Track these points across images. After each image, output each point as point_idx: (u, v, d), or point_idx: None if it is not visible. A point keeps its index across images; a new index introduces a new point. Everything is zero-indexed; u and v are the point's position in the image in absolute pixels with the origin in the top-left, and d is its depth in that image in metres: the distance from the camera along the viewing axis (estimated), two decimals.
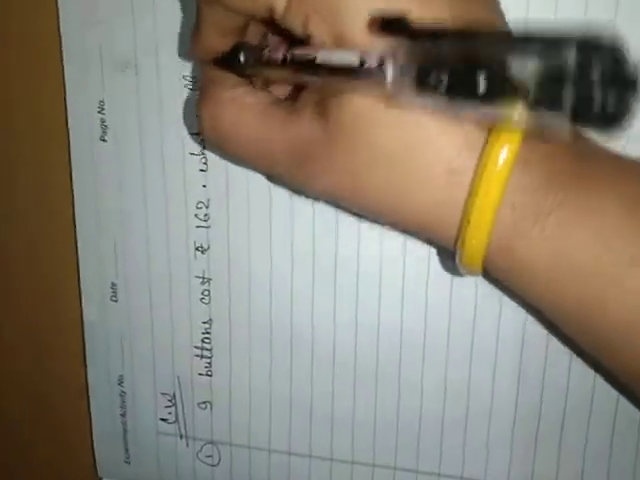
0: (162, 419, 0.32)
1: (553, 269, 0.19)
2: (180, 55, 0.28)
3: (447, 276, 0.27)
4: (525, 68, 0.14)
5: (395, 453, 0.30)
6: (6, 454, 0.36)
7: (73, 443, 0.34)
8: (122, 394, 0.33)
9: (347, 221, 0.28)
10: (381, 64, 0.17)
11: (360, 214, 0.25)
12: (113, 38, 0.28)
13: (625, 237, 0.19)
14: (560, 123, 0.13)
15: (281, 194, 0.28)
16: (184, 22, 0.27)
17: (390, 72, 0.16)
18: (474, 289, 0.27)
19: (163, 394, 0.32)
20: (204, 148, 0.28)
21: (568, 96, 0.13)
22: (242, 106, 0.22)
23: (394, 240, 0.27)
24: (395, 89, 0.17)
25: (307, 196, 0.27)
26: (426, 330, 0.28)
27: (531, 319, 0.27)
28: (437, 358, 0.28)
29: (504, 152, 0.18)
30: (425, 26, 0.17)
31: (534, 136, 0.18)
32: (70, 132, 0.30)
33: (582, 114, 0.13)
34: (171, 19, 0.27)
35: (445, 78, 0.15)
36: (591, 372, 0.27)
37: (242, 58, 0.22)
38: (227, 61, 0.23)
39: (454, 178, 0.19)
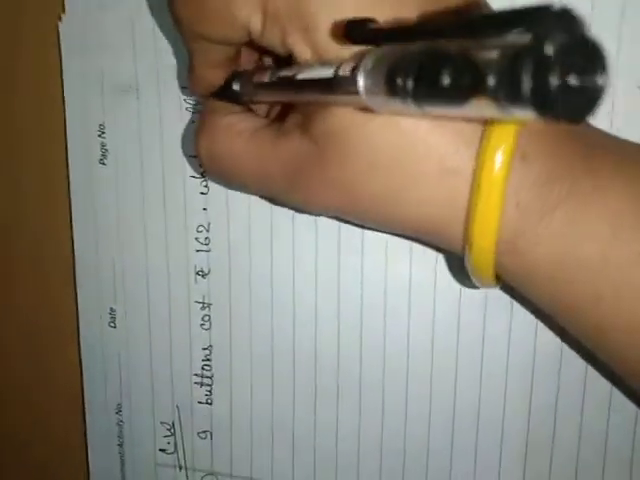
0: (161, 449, 0.31)
1: (561, 267, 0.19)
2: (180, 79, 0.27)
3: (455, 301, 0.27)
4: (486, 56, 0.12)
5: None
6: None
7: (69, 474, 0.33)
8: (120, 423, 0.32)
9: (350, 243, 0.27)
10: (354, 72, 0.16)
11: (364, 225, 0.25)
12: (114, 62, 0.28)
13: (633, 228, 0.18)
14: (527, 114, 0.12)
15: (283, 217, 0.28)
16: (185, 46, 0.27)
17: (361, 79, 0.16)
18: (482, 319, 0.27)
19: (162, 423, 0.31)
20: (205, 171, 0.28)
21: (526, 83, 0.12)
22: (235, 132, 0.22)
23: (398, 264, 0.27)
24: (368, 96, 0.16)
25: (309, 213, 0.26)
26: (433, 360, 0.27)
27: (541, 349, 0.26)
28: (445, 387, 0.27)
29: (500, 151, 0.17)
30: (386, 27, 0.17)
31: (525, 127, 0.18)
32: (69, 155, 0.29)
33: (542, 102, 0.12)
34: (172, 43, 0.27)
35: (412, 78, 0.14)
36: (606, 402, 0.26)
37: (237, 87, 0.22)
38: (223, 93, 0.23)
39: (452, 178, 0.18)
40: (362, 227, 0.27)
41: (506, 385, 0.27)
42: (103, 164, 0.29)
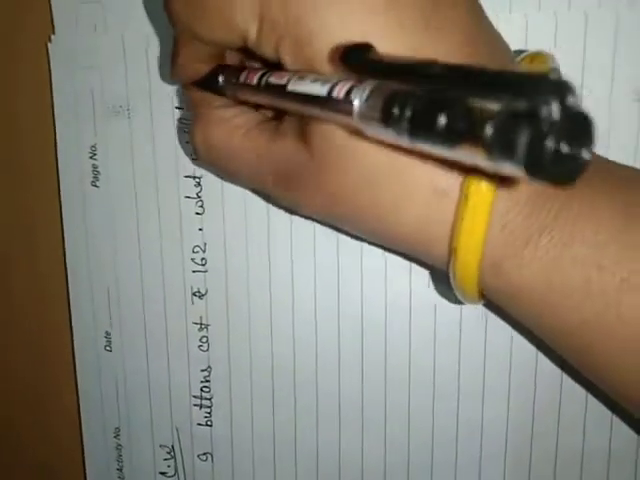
0: (161, 472, 0.31)
1: (546, 290, 0.19)
2: (173, 98, 0.27)
3: (456, 318, 0.26)
4: (485, 109, 0.13)
5: None
6: None
7: None
8: (118, 447, 0.31)
9: (349, 265, 0.27)
10: (349, 94, 0.16)
11: (350, 231, 0.25)
12: (105, 82, 0.28)
13: (617, 254, 0.18)
14: (516, 171, 0.13)
15: (280, 236, 0.27)
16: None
17: (356, 103, 0.16)
18: (483, 336, 0.26)
19: (162, 446, 0.31)
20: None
21: (521, 144, 0.12)
22: (233, 126, 0.22)
23: (396, 282, 0.27)
24: (360, 120, 0.16)
25: (299, 214, 0.26)
26: (435, 378, 0.27)
27: (542, 366, 0.26)
28: (447, 405, 0.27)
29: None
30: (386, 61, 0.16)
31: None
32: (61, 178, 0.29)
33: (535, 165, 0.12)
34: (163, 61, 0.27)
35: (409, 112, 0.14)
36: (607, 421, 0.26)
37: (221, 80, 0.22)
38: (207, 83, 0.23)
39: (440, 198, 0.19)
40: (359, 239, 0.26)
41: (509, 401, 0.27)
42: (95, 186, 0.29)
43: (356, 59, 0.17)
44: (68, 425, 0.32)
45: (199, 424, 0.30)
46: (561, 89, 0.12)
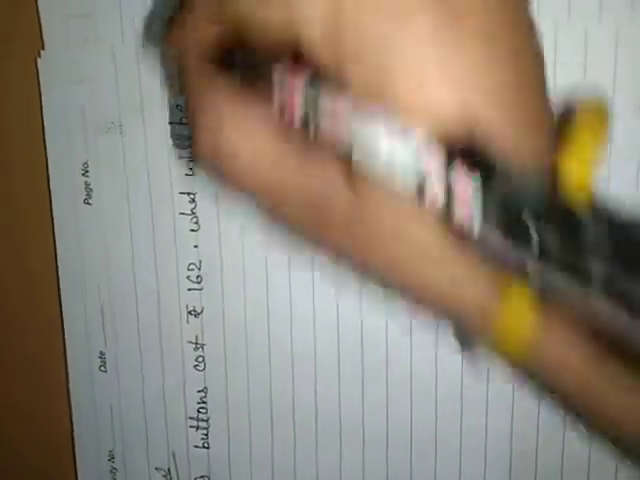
0: None
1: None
2: (166, 113, 0.27)
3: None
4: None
5: None
6: None
7: None
8: (113, 470, 0.30)
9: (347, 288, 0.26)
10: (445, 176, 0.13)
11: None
12: (96, 97, 0.27)
13: None
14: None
15: (278, 252, 0.27)
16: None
17: (461, 206, 0.13)
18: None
19: (157, 469, 0.30)
20: (195, 207, 0.27)
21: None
22: (249, 126, 0.18)
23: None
24: (467, 228, 0.13)
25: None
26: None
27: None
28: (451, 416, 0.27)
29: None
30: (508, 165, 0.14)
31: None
32: (53, 196, 0.28)
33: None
34: (155, 75, 0.26)
35: (539, 231, 0.12)
36: None
37: (240, 60, 0.17)
38: (225, 58, 0.18)
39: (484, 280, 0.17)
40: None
41: (513, 411, 0.26)
42: (88, 204, 0.28)
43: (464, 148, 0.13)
44: (61, 448, 0.31)
45: (196, 446, 0.29)
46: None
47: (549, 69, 0.18)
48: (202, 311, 0.28)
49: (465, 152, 0.13)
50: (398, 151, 0.14)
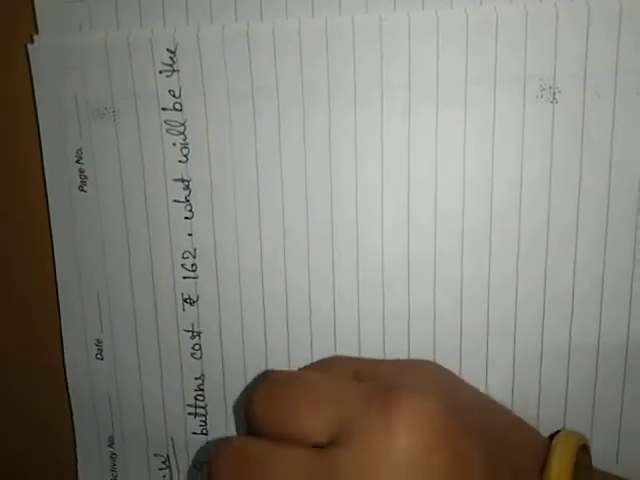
0: None
1: None
2: (159, 99, 0.26)
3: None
4: None
5: None
6: None
7: None
8: (113, 456, 0.31)
9: (344, 262, 0.26)
10: None
11: None
12: (88, 84, 0.27)
13: None
14: None
15: (272, 239, 0.26)
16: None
17: None
18: None
19: (156, 455, 0.30)
20: (189, 195, 0.27)
21: None
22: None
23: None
24: None
25: None
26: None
27: None
28: None
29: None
30: None
31: None
32: (47, 183, 0.28)
33: None
34: (147, 60, 0.26)
35: None
36: None
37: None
38: None
39: None
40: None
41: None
42: (83, 191, 0.28)
43: None
44: (62, 434, 0.31)
45: (194, 433, 0.29)
46: None
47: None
48: (198, 299, 0.28)
49: None
50: None
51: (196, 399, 0.29)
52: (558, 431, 0.23)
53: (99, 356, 0.29)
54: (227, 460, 0.21)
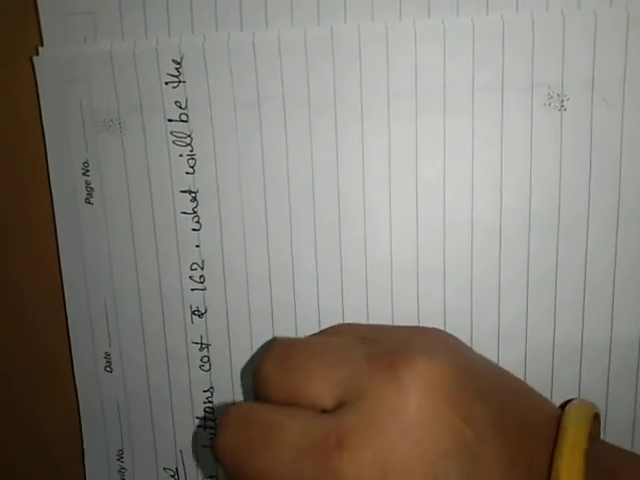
0: None
1: None
2: (165, 111, 0.26)
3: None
4: None
5: None
6: None
7: None
8: (122, 470, 0.30)
9: (352, 269, 0.26)
10: None
11: None
12: (94, 96, 0.27)
13: None
14: None
15: (280, 250, 0.26)
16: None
17: None
18: None
19: (165, 469, 0.30)
20: (196, 206, 0.27)
21: None
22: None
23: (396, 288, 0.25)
24: None
25: None
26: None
27: None
28: None
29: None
30: None
31: None
32: (54, 196, 0.28)
33: None
34: (153, 71, 0.26)
35: None
36: None
37: None
38: None
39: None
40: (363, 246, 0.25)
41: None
42: (90, 203, 0.28)
43: None
44: (70, 448, 0.31)
45: (203, 446, 0.29)
46: None
47: None
48: (206, 311, 0.28)
49: None
50: None
51: (205, 411, 0.29)
52: (568, 401, 0.23)
53: (108, 369, 0.29)
54: (233, 425, 0.20)
